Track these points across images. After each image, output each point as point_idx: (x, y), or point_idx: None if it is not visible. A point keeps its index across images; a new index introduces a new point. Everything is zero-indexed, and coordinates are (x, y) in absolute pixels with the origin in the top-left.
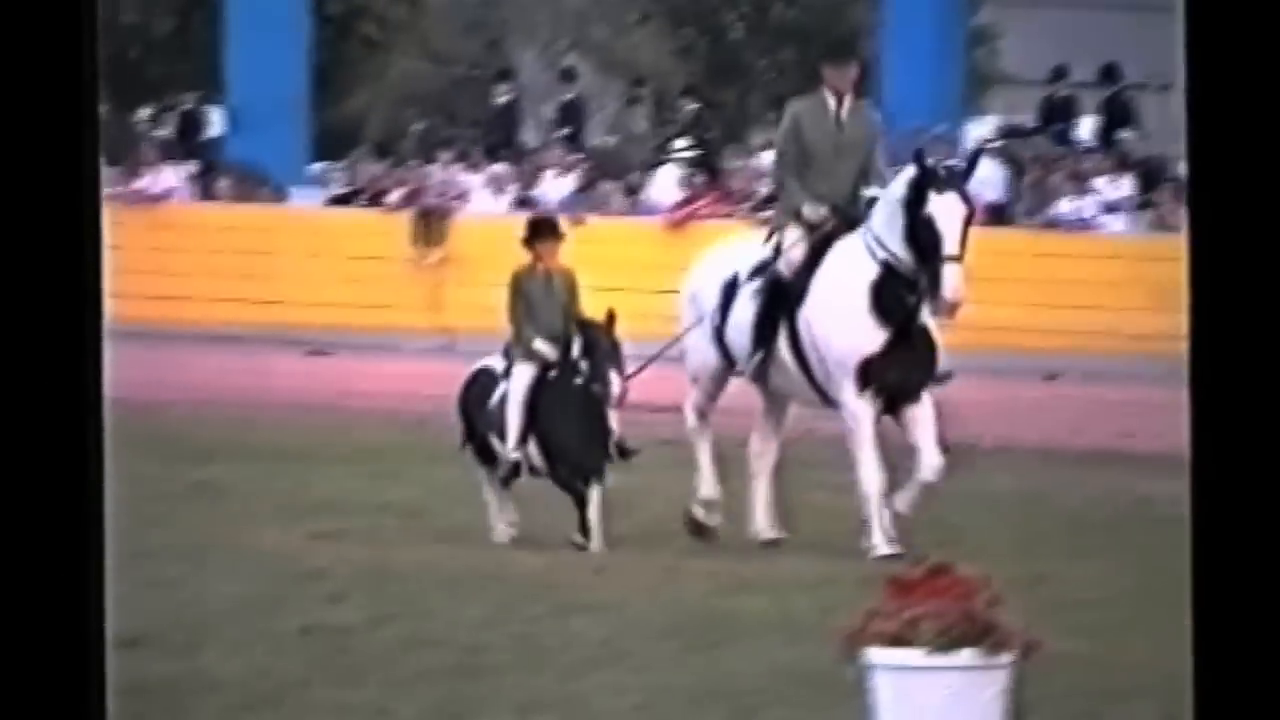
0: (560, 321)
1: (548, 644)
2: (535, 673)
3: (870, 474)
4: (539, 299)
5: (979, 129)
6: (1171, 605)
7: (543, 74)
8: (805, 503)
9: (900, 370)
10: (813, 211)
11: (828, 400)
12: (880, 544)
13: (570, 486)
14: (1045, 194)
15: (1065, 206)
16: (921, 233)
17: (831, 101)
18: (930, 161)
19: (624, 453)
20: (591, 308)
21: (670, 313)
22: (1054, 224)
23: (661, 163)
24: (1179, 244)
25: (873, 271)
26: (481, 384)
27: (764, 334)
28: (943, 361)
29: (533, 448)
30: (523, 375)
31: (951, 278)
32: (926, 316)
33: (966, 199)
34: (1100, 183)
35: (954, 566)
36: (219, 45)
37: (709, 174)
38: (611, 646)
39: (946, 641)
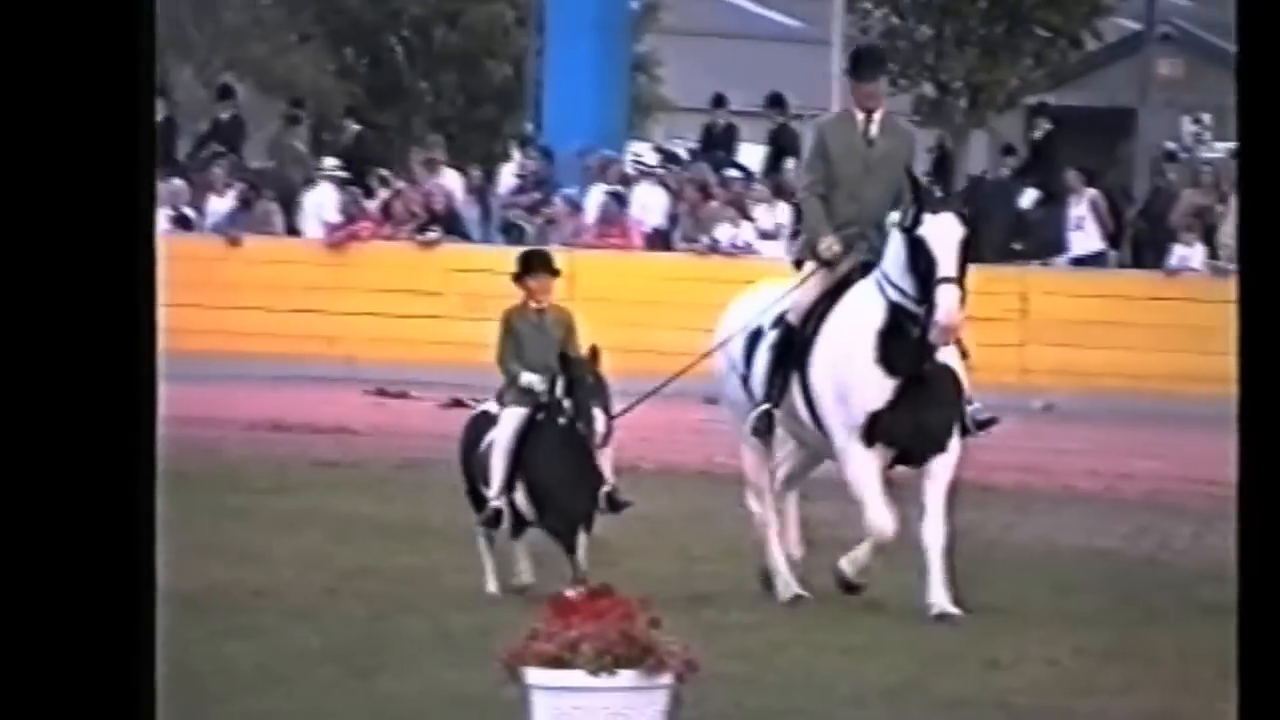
0: (554, 362)
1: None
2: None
3: (880, 520)
4: (530, 338)
5: (640, 151)
6: (826, 621)
7: (199, 91)
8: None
9: (914, 419)
10: (827, 249)
11: (836, 454)
12: (940, 601)
13: (558, 534)
14: (703, 220)
15: (723, 233)
16: (919, 257)
17: (860, 117)
18: (925, 181)
19: (614, 505)
20: (247, 326)
21: (329, 332)
22: (714, 249)
23: (318, 182)
24: None
25: (880, 316)
26: (477, 429)
27: (771, 388)
28: (977, 405)
29: (520, 496)
30: (511, 419)
31: (946, 300)
32: (948, 356)
33: (964, 220)
34: (758, 210)
35: (614, 589)
36: None
37: (368, 195)
38: (267, 671)
39: (606, 663)
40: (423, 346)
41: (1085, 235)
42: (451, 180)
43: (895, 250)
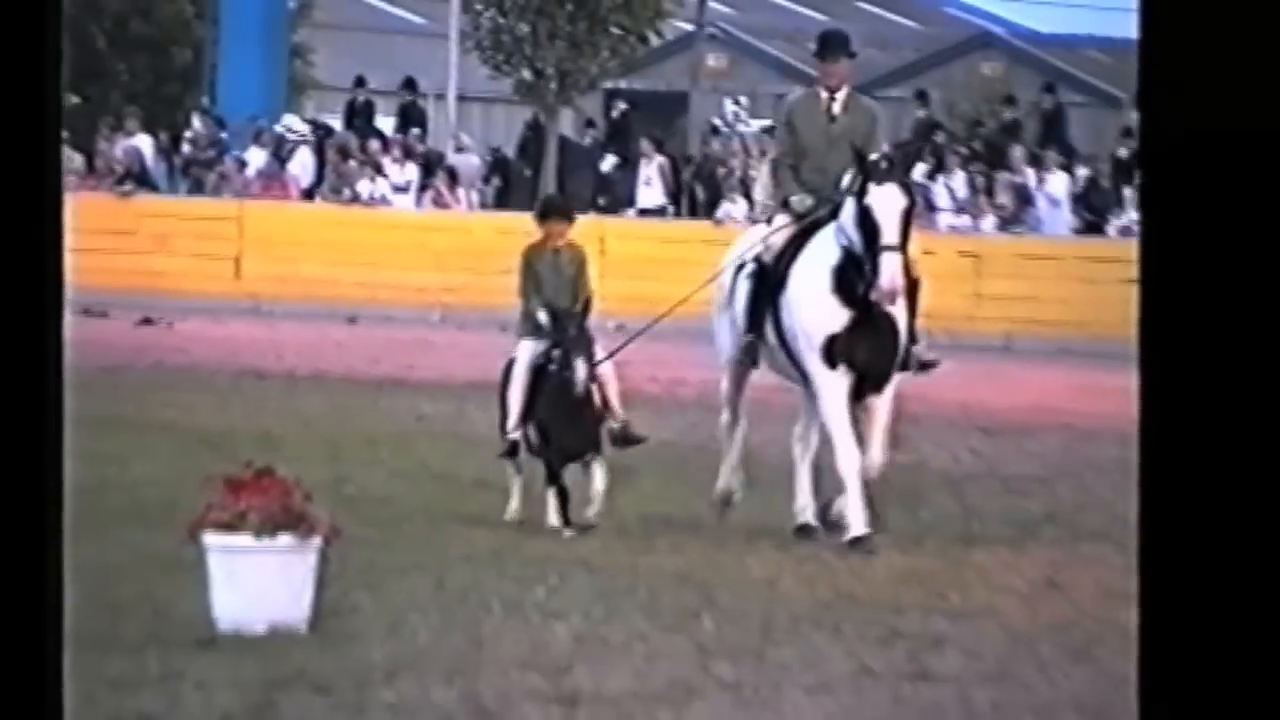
0: (568, 297)
1: None
2: None
3: (847, 453)
4: (547, 275)
5: (291, 122)
6: (441, 493)
7: None
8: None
9: (866, 350)
10: (799, 203)
11: (809, 380)
12: (857, 525)
13: (551, 469)
14: (345, 177)
15: (364, 187)
16: (864, 222)
17: (824, 95)
18: (872, 155)
19: (627, 440)
20: None
21: None
22: (355, 200)
23: None
24: (460, 219)
25: (836, 256)
26: (507, 372)
27: (752, 318)
28: (926, 349)
29: (532, 430)
30: (525, 354)
31: (888, 267)
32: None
33: (907, 191)
34: (391, 169)
35: (275, 469)
36: None
37: (86, 157)
38: None
39: (269, 528)
40: (122, 275)
41: (652, 191)
42: (143, 143)
43: (847, 210)
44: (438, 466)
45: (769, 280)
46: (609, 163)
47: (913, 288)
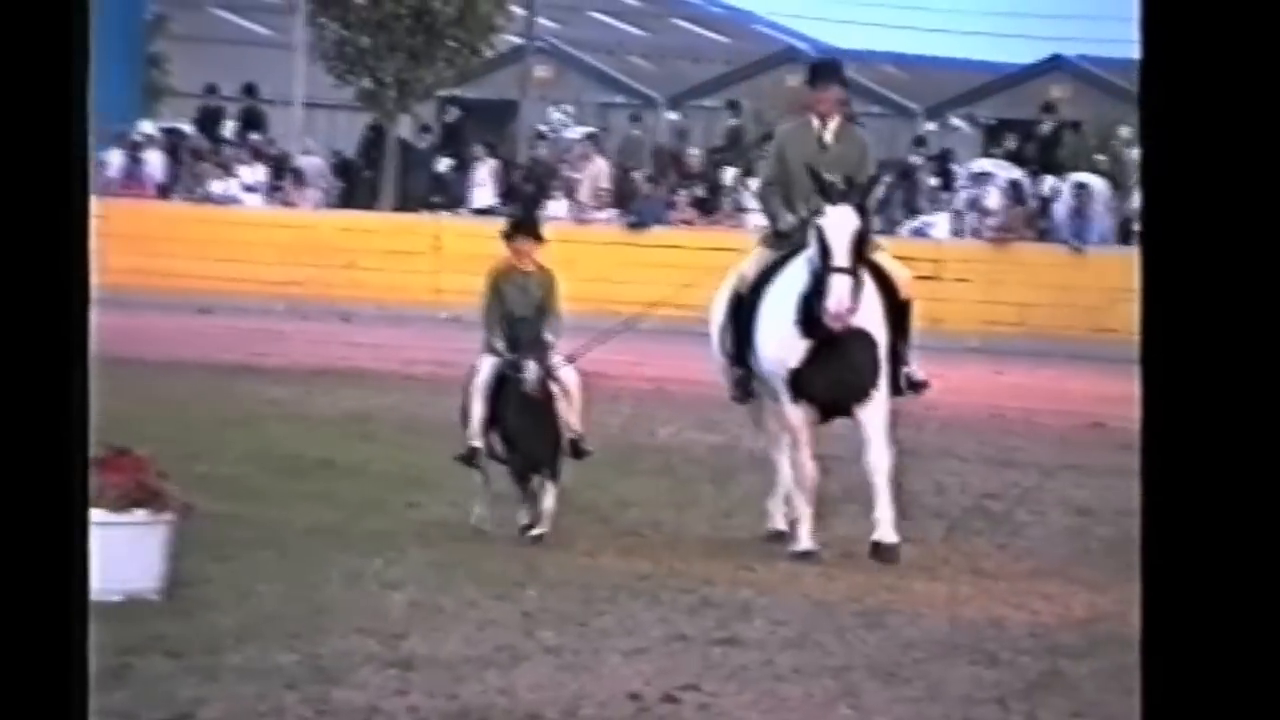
0: (534, 319)
1: None
2: None
3: (804, 472)
4: (514, 297)
5: (144, 126)
6: (287, 472)
7: None
8: None
9: (827, 380)
10: (785, 224)
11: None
12: (803, 540)
13: (517, 475)
14: (199, 177)
15: (216, 187)
16: (819, 243)
17: (815, 123)
18: (828, 177)
19: (578, 453)
20: None
21: None
22: (207, 199)
23: None
24: (306, 217)
25: (803, 284)
26: (469, 380)
27: (737, 350)
28: (914, 368)
29: (495, 439)
30: (486, 367)
31: (835, 289)
32: (865, 320)
33: (861, 213)
34: (242, 170)
35: (132, 449)
36: None
37: None
38: None
39: (125, 503)
40: None
41: (484, 192)
42: None
43: (811, 234)
44: (286, 447)
45: (744, 311)
46: (444, 165)
47: (903, 309)
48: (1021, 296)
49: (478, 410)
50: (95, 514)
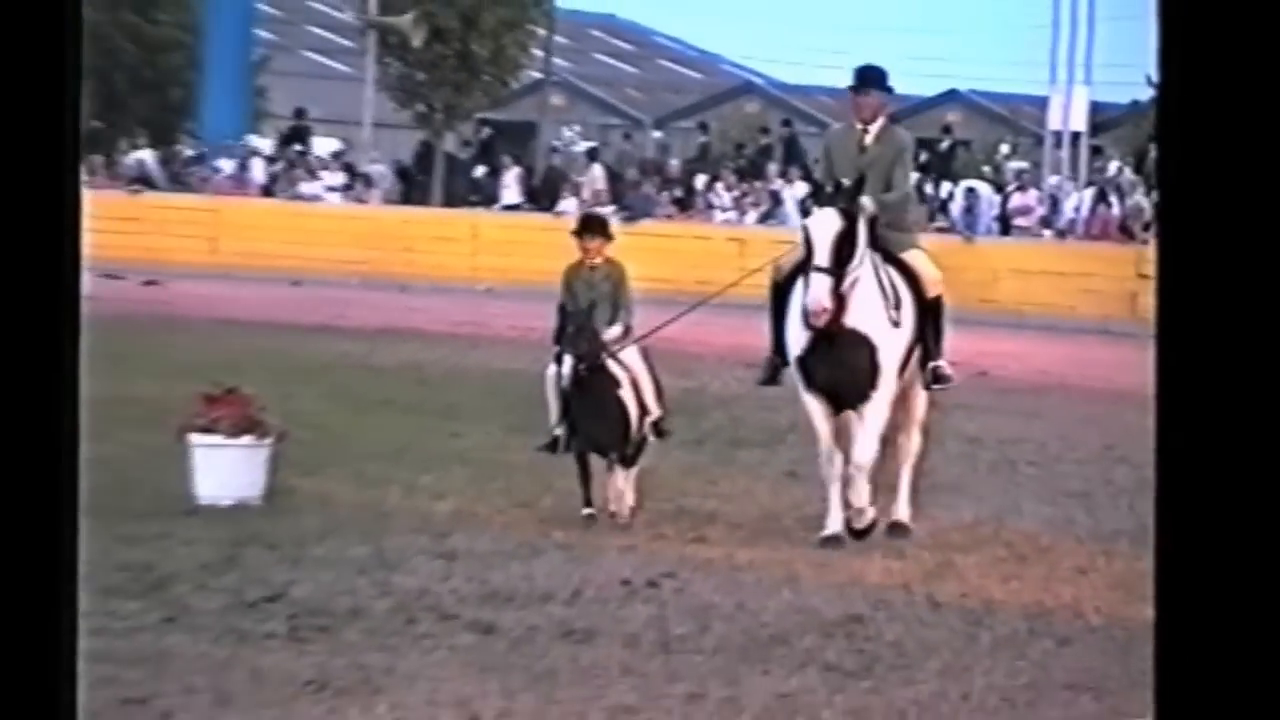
0: (608, 311)
1: None
2: None
3: (825, 461)
4: (581, 291)
5: (253, 141)
6: (356, 408)
7: None
8: None
9: (827, 370)
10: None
11: None
12: (830, 524)
13: (579, 459)
14: (293, 181)
15: (305, 188)
16: (805, 243)
17: (858, 127)
18: (819, 177)
19: (658, 433)
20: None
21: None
22: (298, 198)
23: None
24: (373, 211)
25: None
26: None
27: (774, 337)
28: (941, 363)
29: (566, 427)
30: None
31: (814, 288)
32: (859, 319)
33: (846, 215)
34: (326, 175)
35: (239, 389)
36: None
37: (108, 165)
38: None
39: (235, 431)
40: (132, 250)
41: (511, 192)
42: (148, 157)
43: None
44: (356, 389)
45: (778, 302)
46: (480, 172)
47: (933, 307)
48: None
49: (551, 401)
50: (212, 439)
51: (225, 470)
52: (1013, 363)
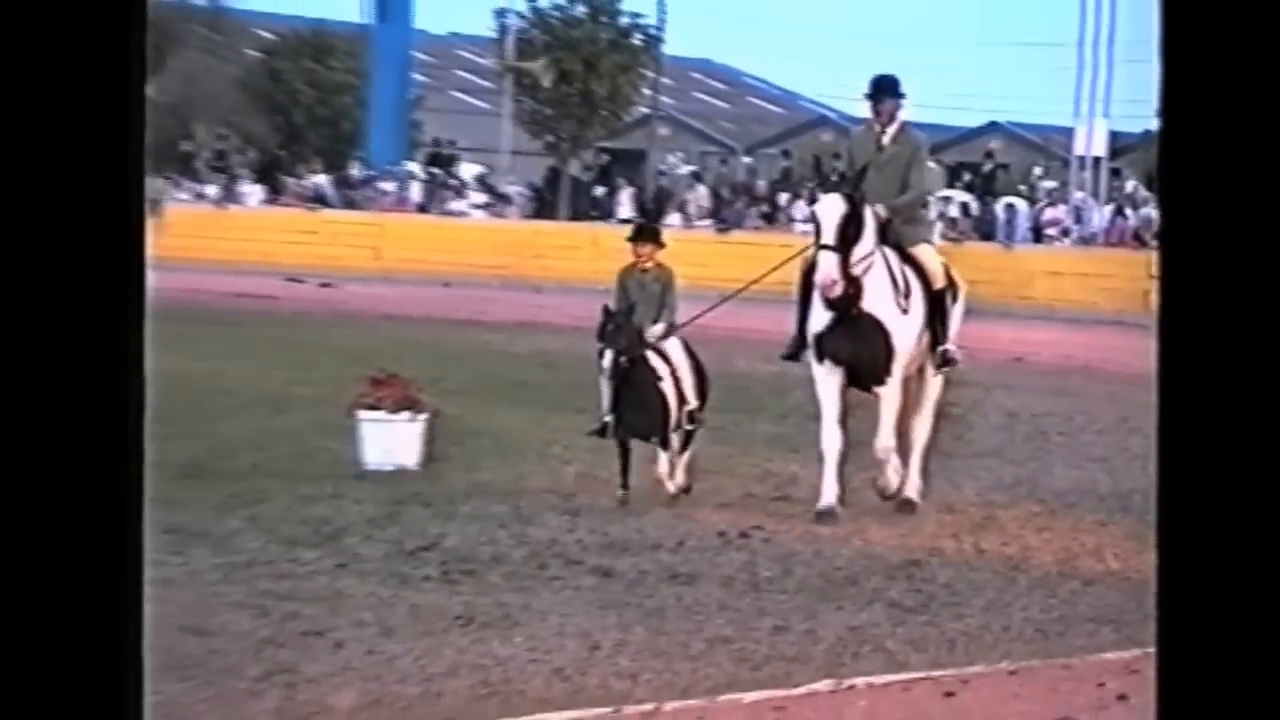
0: (654, 310)
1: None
2: None
3: (828, 437)
4: (634, 291)
5: (410, 166)
6: (498, 388)
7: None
8: None
9: (849, 346)
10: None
11: None
12: (826, 497)
13: (620, 445)
14: (444, 199)
15: (454, 205)
16: (815, 225)
17: (877, 128)
18: (825, 169)
19: (692, 421)
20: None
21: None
22: (448, 214)
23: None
24: (511, 225)
25: None
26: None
27: (799, 319)
28: (950, 347)
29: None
30: (608, 355)
31: (822, 263)
32: (875, 306)
33: (850, 200)
34: (472, 195)
35: (398, 374)
36: None
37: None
38: None
39: (396, 408)
40: (309, 257)
41: (625, 208)
42: (323, 180)
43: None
44: (496, 373)
45: (806, 287)
46: (599, 191)
47: (939, 295)
48: (971, 276)
49: (604, 391)
50: (377, 415)
51: (388, 441)
52: (1044, 349)
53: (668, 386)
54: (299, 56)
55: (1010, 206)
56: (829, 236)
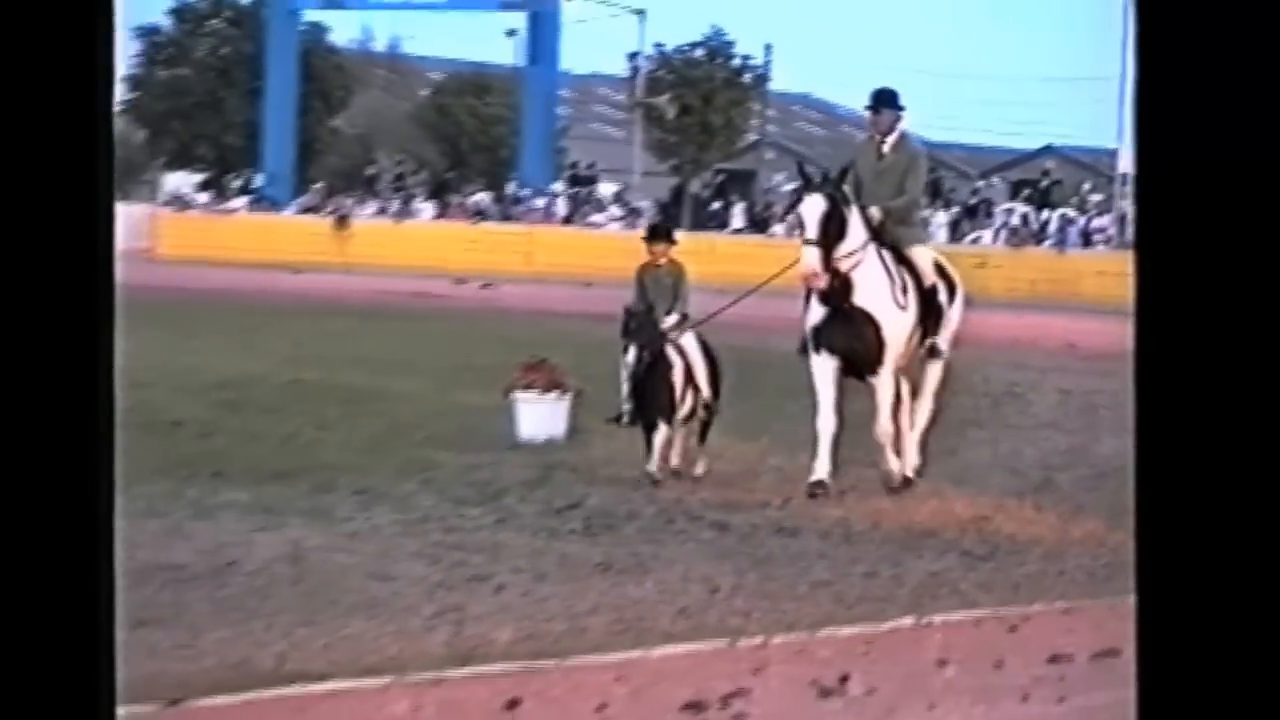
0: (669, 304)
1: None
2: None
3: (822, 419)
4: (650, 286)
5: (556, 187)
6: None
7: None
8: None
9: (843, 338)
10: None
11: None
12: (818, 471)
13: (645, 432)
14: (586, 214)
15: (595, 218)
16: (799, 222)
17: (877, 139)
18: (809, 170)
19: (707, 410)
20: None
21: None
22: (589, 225)
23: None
24: (641, 235)
25: None
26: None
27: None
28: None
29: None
30: (631, 349)
31: (805, 257)
32: (867, 300)
33: (830, 198)
34: (612, 208)
35: (547, 359)
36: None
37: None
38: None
39: (545, 389)
40: (465, 262)
41: (738, 220)
42: (485, 198)
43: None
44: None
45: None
46: (715, 206)
47: (929, 294)
48: (1030, 275)
49: (624, 383)
50: (529, 395)
51: (539, 417)
52: (1094, 338)
53: (677, 377)
54: (463, 94)
55: (1063, 217)
56: (811, 232)
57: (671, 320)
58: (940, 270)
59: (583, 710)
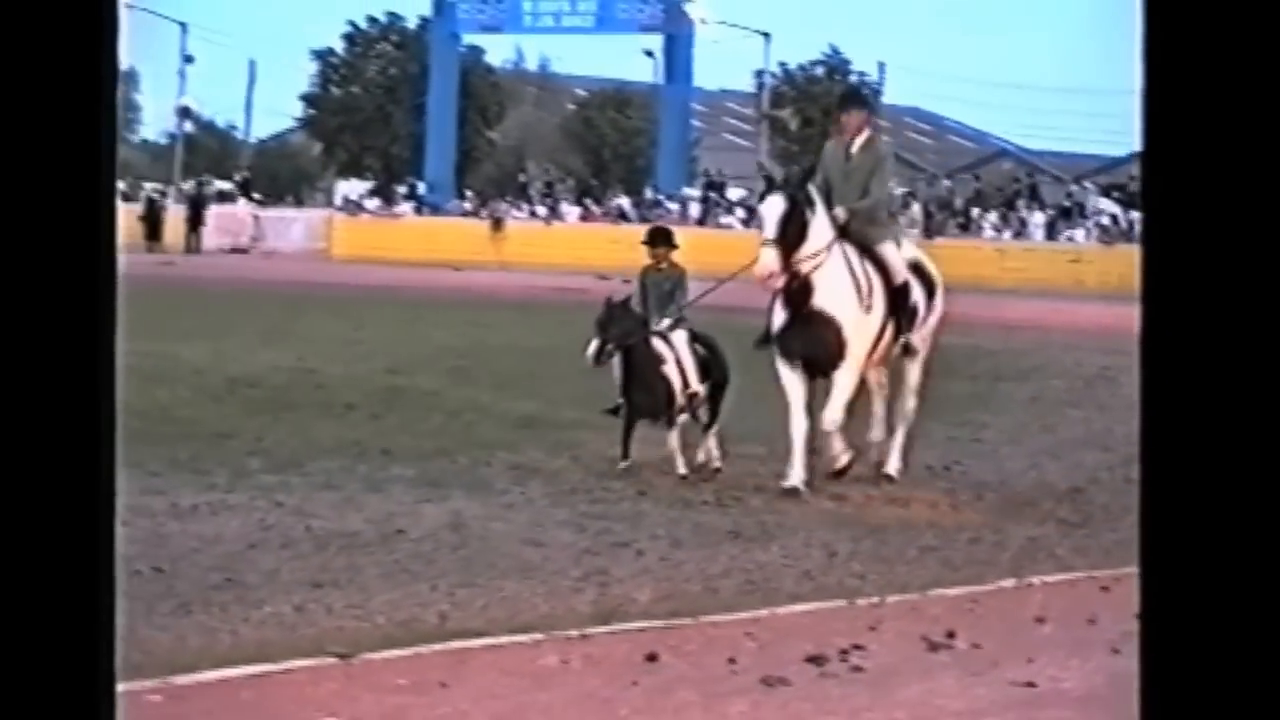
0: (666, 304)
1: None
2: None
3: (794, 423)
4: (651, 288)
5: (689, 191)
6: None
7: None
8: None
9: (801, 343)
10: None
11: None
12: (791, 477)
13: (626, 423)
14: (715, 216)
15: (725, 220)
16: (760, 223)
17: (845, 139)
18: (765, 172)
19: (692, 404)
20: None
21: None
22: (720, 227)
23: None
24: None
25: None
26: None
27: (769, 318)
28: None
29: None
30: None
31: (760, 257)
32: (827, 302)
33: (790, 199)
34: (738, 210)
35: None
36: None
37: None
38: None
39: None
40: (547, 257)
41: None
42: (625, 202)
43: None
44: (748, 345)
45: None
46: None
47: (900, 292)
48: (1119, 269)
49: (618, 376)
50: None
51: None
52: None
53: (670, 370)
54: (606, 108)
55: None
56: (770, 231)
57: (667, 322)
58: (918, 268)
59: (715, 663)
